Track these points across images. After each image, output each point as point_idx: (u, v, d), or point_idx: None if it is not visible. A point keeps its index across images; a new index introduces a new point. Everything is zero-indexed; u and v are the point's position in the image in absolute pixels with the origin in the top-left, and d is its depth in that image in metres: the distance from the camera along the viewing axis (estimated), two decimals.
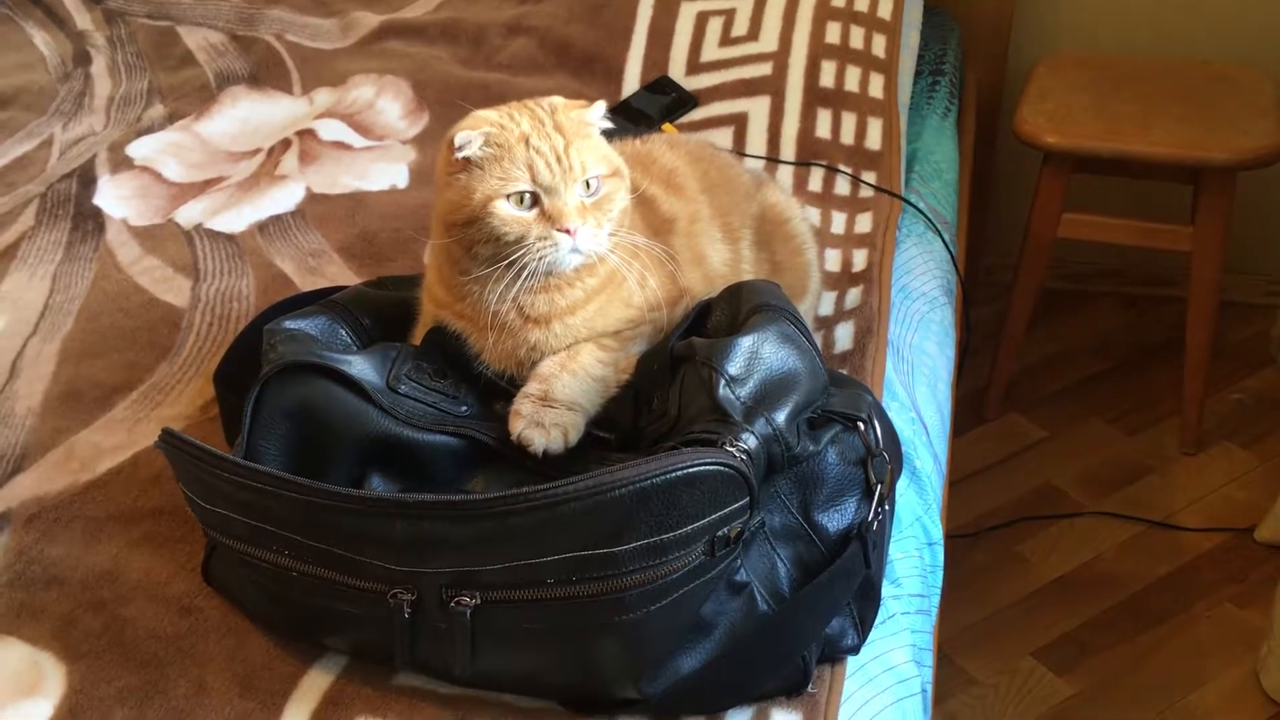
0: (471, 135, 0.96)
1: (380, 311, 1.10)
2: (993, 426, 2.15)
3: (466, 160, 0.96)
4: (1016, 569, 1.88)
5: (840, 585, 0.93)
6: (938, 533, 1.17)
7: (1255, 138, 1.86)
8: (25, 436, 1.19)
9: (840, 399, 0.98)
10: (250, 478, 0.88)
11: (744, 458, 0.87)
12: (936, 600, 1.13)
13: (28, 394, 1.25)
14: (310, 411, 0.95)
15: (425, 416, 0.97)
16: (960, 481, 1.97)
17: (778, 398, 0.92)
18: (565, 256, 0.96)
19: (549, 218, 0.96)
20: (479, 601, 0.86)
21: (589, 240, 0.97)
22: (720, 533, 0.86)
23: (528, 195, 0.96)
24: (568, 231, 0.95)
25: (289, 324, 1.04)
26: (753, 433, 0.89)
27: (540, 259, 0.95)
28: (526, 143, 0.96)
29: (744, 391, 0.91)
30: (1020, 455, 2.09)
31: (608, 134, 1.04)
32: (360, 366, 0.98)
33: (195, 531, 1.06)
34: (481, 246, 0.96)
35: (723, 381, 0.91)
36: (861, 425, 0.96)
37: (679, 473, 0.83)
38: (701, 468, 0.84)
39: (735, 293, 1.02)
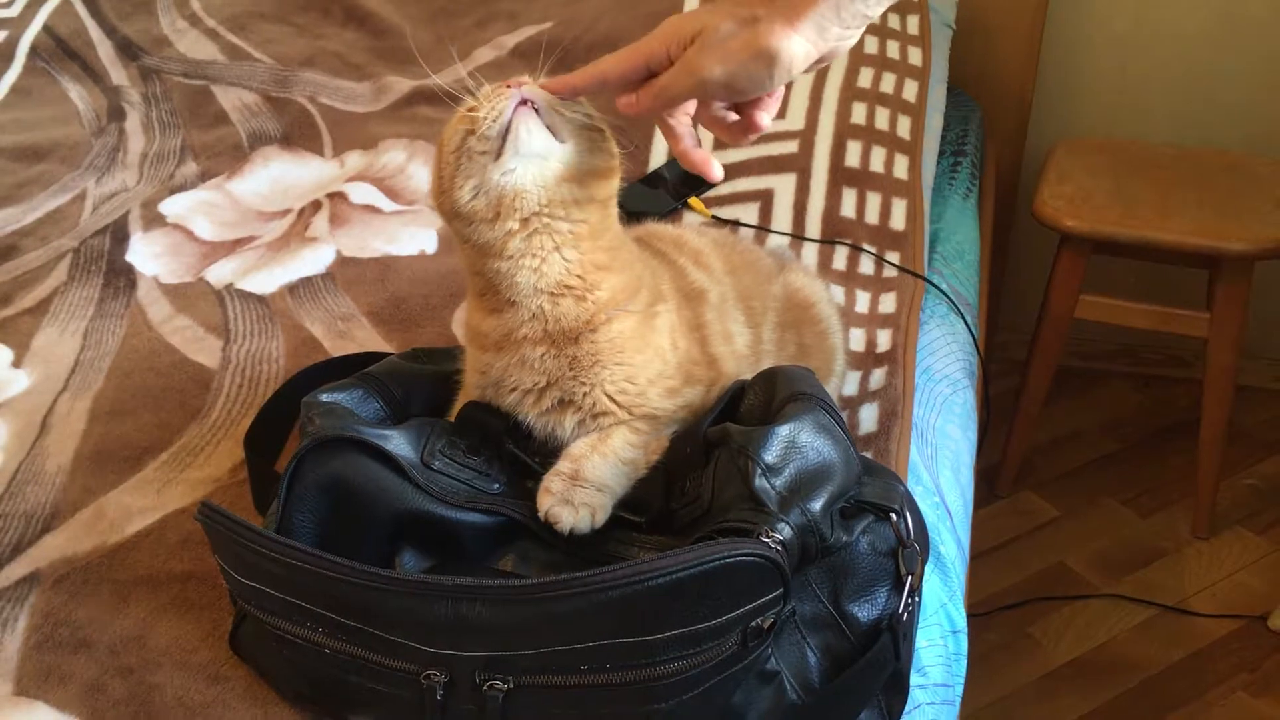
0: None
1: (414, 385, 1.11)
2: (1005, 504, 2.15)
3: None
4: (1029, 650, 1.87)
5: (870, 677, 0.93)
6: (962, 620, 1.17)
7: (1273, 228, 1.88)
8: (55, 495, 1.20)
9: (872, 488, 0.98)
10: (289, 555, 0.89)
11: (779, 549, 0.87)
12: (960, 690, 1.13)
13: (58, 452, 1.25)
14: (346, 486, 0.96)
15: (459, 493, 0.98)
16: (973, 559, 1.96)
17: (813, 488, 0.92)
18: (515, 111, 0.93)
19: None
20: (511, 686, 0.86)
21: (541, 101, 0.94)
22: (754, 623, 0.86)
23: None
24: (516, 87, 0.94)
25: (325, 396, 1.05)
26: (788, 523, 0.89)
27: (495, 123, 0.93)
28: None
29: (780, 481, 0.92)
30: (1033, 534, 2.09)
31: (637, 215, 1.05)
32: (397, 441, 0.99)
33: (223, 598, 1.06)
34: (463, 176, 0.95)
35: (759, 470, 0.92)
36: (894, 516, 0.96)
37: (716, 563, 0.83)
38: (738, 558, 0.84)
39: (770, 378, 1.03)
